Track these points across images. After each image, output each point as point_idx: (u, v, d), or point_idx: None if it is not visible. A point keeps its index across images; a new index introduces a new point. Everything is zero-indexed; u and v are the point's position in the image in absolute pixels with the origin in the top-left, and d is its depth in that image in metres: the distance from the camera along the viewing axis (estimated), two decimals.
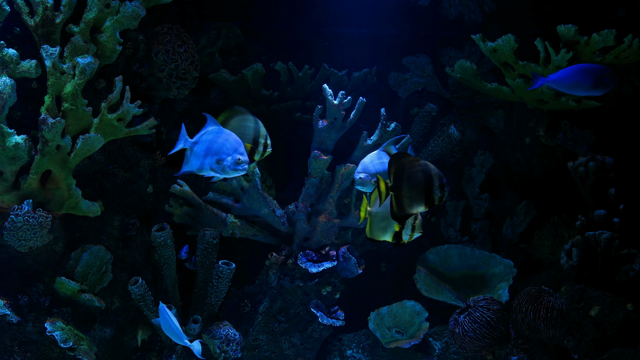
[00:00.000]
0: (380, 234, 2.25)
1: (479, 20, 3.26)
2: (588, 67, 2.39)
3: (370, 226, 2.26)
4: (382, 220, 2.22)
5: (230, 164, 2.14)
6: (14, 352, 2.41)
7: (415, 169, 2.02)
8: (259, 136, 2.32)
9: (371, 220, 2.25)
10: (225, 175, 2.19)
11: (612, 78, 2.36)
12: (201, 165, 2.19)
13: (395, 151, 2.34)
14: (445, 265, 3.10)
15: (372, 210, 2.24)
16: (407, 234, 2.22)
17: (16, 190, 2.28)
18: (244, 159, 2.14)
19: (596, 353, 2.47)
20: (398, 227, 2.21)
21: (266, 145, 2.34)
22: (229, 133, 2.19)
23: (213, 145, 2.16)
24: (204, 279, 2.73)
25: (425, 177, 2.02)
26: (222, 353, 2.63)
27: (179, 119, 3.01)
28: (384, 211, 2.19)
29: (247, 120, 2.33)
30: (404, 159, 2.06)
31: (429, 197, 2.02)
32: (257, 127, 2.33)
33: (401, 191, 2.03)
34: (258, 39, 3.40)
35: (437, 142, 3.05)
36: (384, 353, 3.01)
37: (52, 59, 2.20)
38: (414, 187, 2.02)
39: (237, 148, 2.15)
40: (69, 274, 2.47)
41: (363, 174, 2.31)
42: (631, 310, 2.48)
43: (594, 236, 2.64)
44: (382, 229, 2.24)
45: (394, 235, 2.23)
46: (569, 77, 2.37)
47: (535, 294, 2.43)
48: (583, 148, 2.92)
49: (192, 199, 2.77)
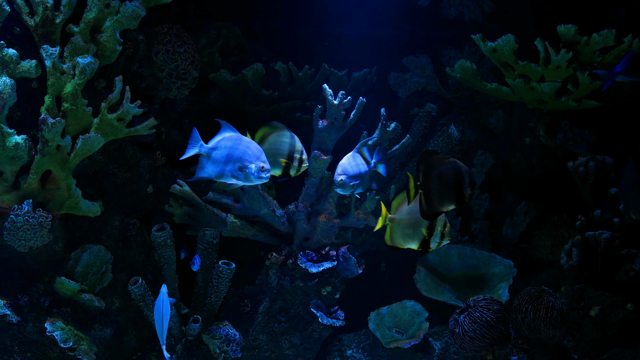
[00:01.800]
0: (403, 242, 2.21)
1: (479, 20, 3.27)
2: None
3: (391, 234, 2.22)
4: (408, 228, 2.18)
5: (255, 172, 2.11)
6: (14, 352, 2.41)
7: (446, 166, 2.00)
8: (294, 151, 2.29)
9: (393, 228, 2.21)
10: (248, 182, 2.15)
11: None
12: (221, 171, 2.14)
13: (367, 153, 2.32)
14: (445, 265, 3.10)
15: (395, 217, 2.20)
16: (436, 241, 2.19)
17: (16, 190, 2.28)
18: (267, 166, 2.12)
19: (596, 353, 2.47)
20: (426, 234, 2.18)
21: (301, 161, 2.30)
22: (248, 140, 2.16)
23: (234, 152, 2.12)
24: (204, 279, 2.73)
25: (456, 175, 1.99)
26: (222, 353, 2.63)
27: (179, 119, 3.01)
28: (409, 218, 2.16)
29: (283, 136, 2.30)
30: (434, 157, 2.04)
31: (459, 195, 1.99)
32: (292, 142, 2.30)
33: (431, 189, 2.01)
34: (258, 39, 3.40)
35: (437, 142, 3.05)
36: (384, 353, 3.01)
37: (52, 59, 2.20)
38: (445, 185, 2.00)
39: (259, 156, 2.12)
40: (69, 274, 2.47)
41: (344, 176, 2.28)
42: (631, 310, 2.48)
43: (594, 236, 2.64)
44: (407, 236, 2.19)
45: (422, 242, 2.20)
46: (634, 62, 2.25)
47: (535, 294, 2.43)
48: (583, 148, 2.92)
49: (192, 199, 2.77)
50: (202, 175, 2.17)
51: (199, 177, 2.19)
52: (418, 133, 3.15)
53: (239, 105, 3.16)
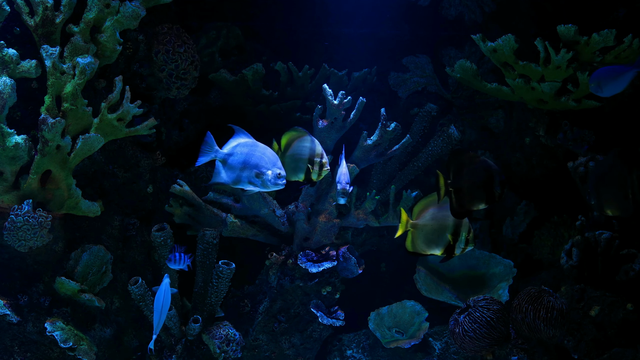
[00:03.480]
0: (427, 248, 2.20)
1: (479, 20, 3.27)
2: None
3: (413, 240, 2.21)
4: (432, 233, 2.17)
5: (271, 178, 2.10)
6: (14, 352, 2.41)
7: (477, 165, 2.00)
8: (315, 155, 2.27)
9: (416, 234, 2.19)
10: (265, 189, 2.14)
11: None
12: (237, 177, 2.14)
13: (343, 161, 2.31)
14: (445, 265, 3.10)
15: (418, 223, 2.19)
16: (461, 247, 2.18)
17: (16, 190, 2.28)
18: (283, 173, 2.12)
19: (596, 353, 2.47)
20: (451, 240, 2.18)
21: (322, 165, 2.27)
22: (263, 146, 2.15)
23: (251, 159, 2.11)
24: (204, 279, 2.74)
25: (486, 173, 1.99)
26: (222, 353, 2.64)
27: (179, 119, 3.01)
28: (433, 223, 2.15)
29: (304, 141, 2.28)
30: (464, 155, 2.03)
31: (489, 194, 1.99)
32: (312, 147, 2.27)
33: (462, 187, 2.01)
34: (258, 39, 3.40)
35: (437, 142, 3.05)
36: (384, 353, 3.01)
37: (52, 59, 2.20)
38: (476, 183, 1.99)
39: (275, 162, 2.11)
40: (69, 274, 2.47)
41: (347, 185, 2.28)
42: (631, 310, 2.48)
43: (594, 236, 2.64)
44: (430, 242, 2.18)
45: (447, 248, 2.18)
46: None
47: (535, 294, 2.43)
48: (583, 148, 2.92)
49: (192, 199, 2.77)
50: (218, 181, 2.16)
51: (215, 183, 2.19)
52: (418, 133, 3.15)
53: (239, 105, 3.16)
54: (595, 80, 2.25)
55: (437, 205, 2.18)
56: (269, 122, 3.21)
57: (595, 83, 2.25)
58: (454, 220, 2.16)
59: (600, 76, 2.25)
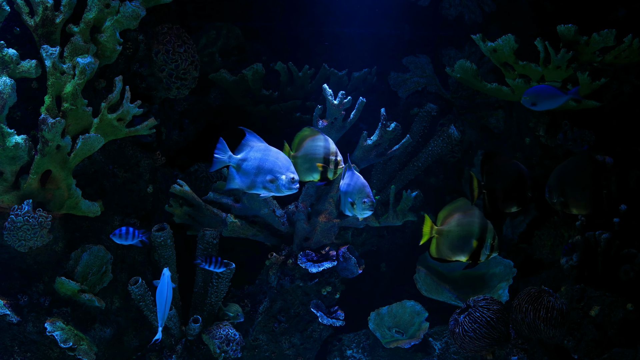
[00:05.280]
0: (452, 254, 2.21)
1: (479, 20, 3.27)
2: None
3: (438, 246, 2.21)
4: (458, 239, 2.18)
5: (286, 183, 2.10)
6: (14, 352, 2.41)
7: (510, 168, 2.03)
8: (329, 154, 2.25)
9: (441, 240, 2.20)
10: (279, 193, 2.14)
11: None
12: (252, 183, 2.13)
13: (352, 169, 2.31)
14: (446, 265, 3.10)
15: (444, 229, 2.20)
16: (486, 253, 2.19)
17: (16, 190, 2.28)
18: (297, 177, 2.12)
19: (596, 353, 2.47)
20: (476, 246, 2.18)
21: (337, 163, 2.25)
22: (276, 151, 2.15)
23: (265, 164, 2.11)
24: (204, 279, 2.74)
25: (520, 176, 2.02)
26: (222, 353, 2.63)
27: (179, 119, 3.01)
28: (459, 229, 2.16)
29: (317, 140, 2.26)
30: (497, 158, 2.06)
31: (522, 196, 2.02)
32: (326, 145, 2.25)
33: (495, 190, 2.03)
34: (258, 39, 3.40)
35: (437, 142, 3.05)
36: (384, 353, 3.01)
37: (52, 59, 2.20)
38: (509, 186, 2.03)
39: (288, 166, 2.11)
40: (69, 274, 2.47)
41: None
42: (631, 310, 2.48)
43: (594, 236, 2.64)
44: (456, 248, 2.19)
45: (473, 254, 2.19)
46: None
47: (535, 294, 2.43)
48: (583, 148, 2.92)
49: (192, 199, 2.77)
50: (232, 186, 2.16)
51: (229, 189, 2.18)
52: (418, 133, 3.15)
53: (239, 105, 3.16)
54: (531, 95, 2.34)
55: (462, 212, 2.20)
56: (269, 122, 3.22)
57: (531, 97, 2.34)
58: (479, 226, 2.19)
59: (537, 92, 2.36)
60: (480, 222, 2.20)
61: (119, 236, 2.38)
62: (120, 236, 2.38)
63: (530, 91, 2.35)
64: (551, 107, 2.38)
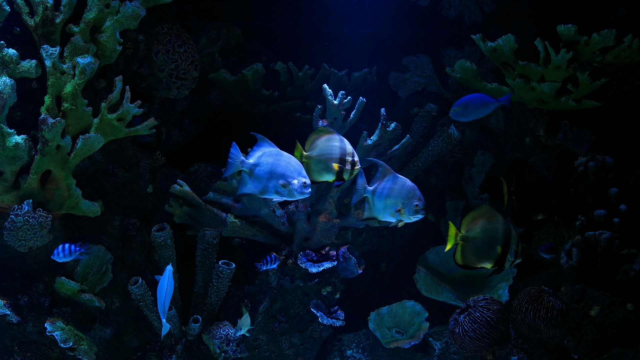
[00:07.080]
0: (477, 261, 2.21)
1: (479, 20, 3.27)
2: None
3: (463, 252, 2.21)
4: (483, 245, 2.18)
5: (298, 188, 2.10)
6: (14, 352, 2.41)
7: (538, 176, 2.05)
8: (346, 154, 2.25)
9: (466, 247, 2.20)
10: (291, 198, 2.14)
11: None
12: (264, 188, 2.13)
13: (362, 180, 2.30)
14: (445, 265, 3.10)
15: (469, 235, 2.20)
16: (510, 260, 2.19)
17: (16, 190, 2.28)
18: (309, 182, 2.12)
19: (596, 353, 2.47)
20: (501, 251, 2.18)
21: (354, 163, 2.23)
22: (288, 155, 2.15)
23: (277, 169, 2.11)
24: (204, 279, 2.74)
25: (548, 184, 2.04)
26: (222, 353, 2.64)
27: (179, 119, 3.01)
28: (484, 236, 2.17)
29: (332, 140, 2.25)
30: (525, 166, 2.08)
31: (549, 204, 2.04)
32: (342, 146, 2.24)
33: (523, 196, 2.05)
34: (258, 39, 3.40)
35: (437, 142, 3.05)
36: (384, 353, 3.01)
37: (52, 59, 2.20)
38: (538, 194, 2.03)
39: (300, 171, 2.11)
40: (69, 274, 2.47)
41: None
42: (631, 310, 2.48)
43: (594, 236, 2.63)
44: (481, 254, 2.19)
45: (497, 260, 2.19)
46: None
47: (535, 294, 2.43)
48: (583, 148, 2.92)
49: (192, 199, 2.77)
50: (245, 191, 2.16)
51: (242, 194, 2.18)
52: (418, 133, 3.15)
53: (239, 105, 3.16)
54: (461, 106, 2.35)
55: (486, 218, 2.20)
56: (269, 122, 3.22)
57: (460, 108, 2.34)
58: (503, 233, 2.19)
59: (467, 103, 2.36)
60: (504, 229, 2.20)
61: (57, 255, 2.31)
62: (58, 254, 2.31)
63: (459, 102, 2.36)
64: (480, 117, 2.39)
